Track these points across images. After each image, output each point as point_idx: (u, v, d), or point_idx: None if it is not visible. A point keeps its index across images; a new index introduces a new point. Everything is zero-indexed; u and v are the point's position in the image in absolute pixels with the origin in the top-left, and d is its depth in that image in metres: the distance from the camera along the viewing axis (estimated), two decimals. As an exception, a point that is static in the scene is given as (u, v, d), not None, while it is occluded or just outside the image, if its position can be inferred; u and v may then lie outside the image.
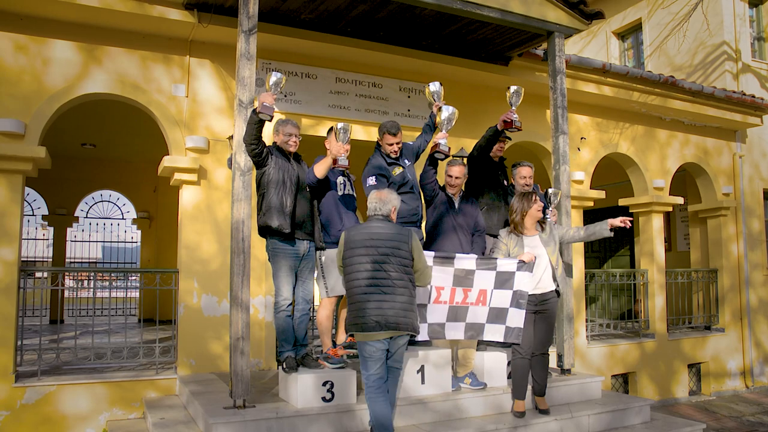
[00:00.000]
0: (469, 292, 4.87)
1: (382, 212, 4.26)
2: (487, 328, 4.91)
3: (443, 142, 5.02)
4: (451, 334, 4.90)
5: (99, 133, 9.73)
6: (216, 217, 6.16)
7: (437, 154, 5.06)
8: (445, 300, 4.83)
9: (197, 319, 5.98)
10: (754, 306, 10.05)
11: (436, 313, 4.83)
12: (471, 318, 4.90)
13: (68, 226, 12.13)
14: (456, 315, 4.87)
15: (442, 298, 4.82)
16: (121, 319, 10.29)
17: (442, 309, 4.84)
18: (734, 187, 10.07)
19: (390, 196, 4.34)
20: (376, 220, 4.25)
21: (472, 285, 4.86)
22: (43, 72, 5.57)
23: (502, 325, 4.89)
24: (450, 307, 4.85)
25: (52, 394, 5.29)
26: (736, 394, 9.58)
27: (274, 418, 4.26)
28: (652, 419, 5.54)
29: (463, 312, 4.88)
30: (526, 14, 5.94)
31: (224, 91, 6.30)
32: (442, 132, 5.11)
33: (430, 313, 4.81)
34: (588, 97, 8.28)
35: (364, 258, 4.10)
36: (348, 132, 4.68)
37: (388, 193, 4.37)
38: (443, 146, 5.01)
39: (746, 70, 10.53)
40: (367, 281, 4.08)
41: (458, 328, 4.89)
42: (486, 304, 4.90)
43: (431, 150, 5.11)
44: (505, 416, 4.92)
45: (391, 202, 4.30)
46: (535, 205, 4.97)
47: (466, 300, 4.87)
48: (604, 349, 8.31)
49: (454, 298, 4.85)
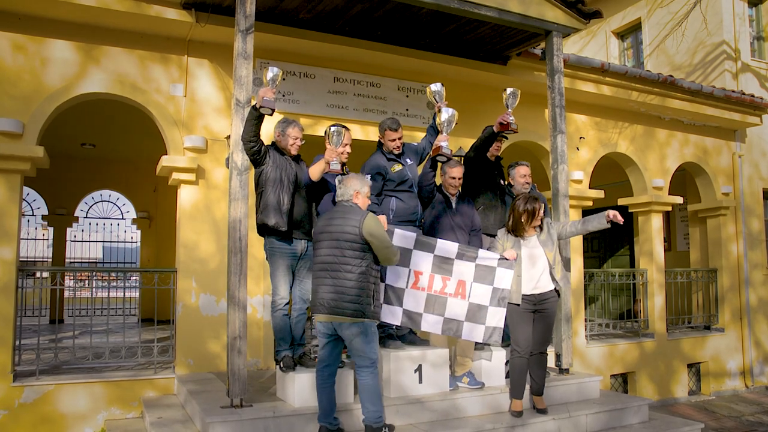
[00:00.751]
0: (447, 281, 4.83)
1: (344, 197, 4.27)
2: (466, 327, 4.84)
3: (445, 145, 5.02)
4: (427, 326, 4.84)
5: (99, 133, 9.73)
6: (214, 216, 6.16)
7: (439, 158, 5.05)
8: (423, 286, 4.79)
9: (195, 318, 5.98)
10: (754, 306, 10.04)
11: (413, 300, 4.79)
12: (450, 313, 4.83)
13: (68, 226, 12.14)
14: (434, 306, 4.81)
15: (421, 283, 4.78)
16: (120, 319, 10.29)
17: (420, 296, 4.80)
18: (734, 187, 10.05)
19: (353, 180, 4.30)
20: (339, 206, 4.29)
21: (451, 274, 4.83)
22: (42, 71, 5.58)
23: (481, 325, 4.84)
24: (428, 295, 4.80)
25: (51, 393, 5.30)
26: (736, 393, 9.57)
27: (271, 417, 4.26)
28: (650, 419, 5.53)
29: (441, 304, 4.82)
30: (524, 13, 5.93)
31: (222, 90, 6.31)
32: (443, 134, 5.10)
33: (407, 298, 4.77)
34: (587, 97, 8.28)
35: (322, 244, 4.19)
36: (341, 135, 4.66)
37: (352, 177, 4.34)
38: (445, 149, 5.00)
39: (746, 69, 10.51)
40: (319, 266, 4.17)
41: (436, 322, 4.83)
42: (465, 297, 4.85)
43: (433, 153, 5.10)
44: (502, 416, 4.91)
45: (353, 186, 4.27)
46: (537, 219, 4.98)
47: (445, 290, 4.83)
48: (603, 349, 8.30)
49: (433, 286, 4.81)
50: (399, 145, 5.15)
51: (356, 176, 4.38)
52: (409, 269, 4.74)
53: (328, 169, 4.64)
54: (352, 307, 4.01)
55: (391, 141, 5.14)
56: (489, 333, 4.85)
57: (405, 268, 4.76)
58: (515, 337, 4.95)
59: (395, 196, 5.13)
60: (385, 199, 5.12)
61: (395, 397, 4.75)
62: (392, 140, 5.14)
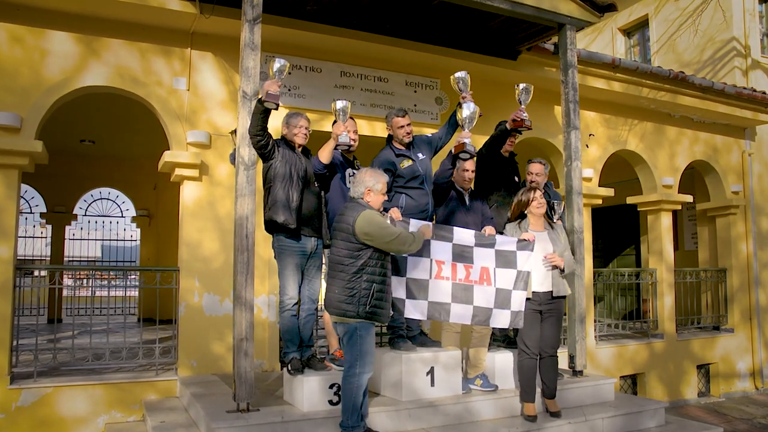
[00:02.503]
0: (470, 269, 4.72)
1: (356, 195, 4.15)
2: (495, 314, 4.71)
3: (468, 142, 4.84)
4: (456, 318, 4.69)
5: (98, 130, 9.56)
6: (218, 213, 5.99)
7: (463, 154, 4.89)
8: (447, 276, 4.66)
9: (198, 318, 5.82)
10: (764, 306, 9.89)
11: (439, 290, 4.64)
12: (478, 301, 4.71)
13: (67, 224, 11.97)
14: (462, 296, 4.68)
15: (444, 273, 4.65)
16: (119, 319, 10.11)
17: (446, 286, 4.66)
18: (743, 185, 9.91)
19: (365, 176, 4.13)
20: (350, 201, 4.18)
21: (473, 261, 4.73)
22: (41, 64, 5.41)
23: (507, 310, 4.72)
24: (453, 284, 4.67)
25: (49, 396, 5.13)
26: (746, 395, 9.43)
27: (280, 422, 4.09)
28: (666, 422, 5.38)
29: (469, 293, 4.69)
30: (537, 6, 5.77)
31: (226, 84, 6.14)
32: (465, 131, 4.93)
33: (432, 290, 4.62)
34: (596, 93, 8.12)
35: (333, 240, 4.16)
36: (347, 111, 4.53)
37: (364, 172, 4.17)
38: (469, 146, 4.83)
39: (756, 66, 10.37)
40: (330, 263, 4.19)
41: (465, 312, 4.68)
42: (492, 284, 4.74)
43: (455, 150, 4.90)
44: (517, 419, 4.76)
45: (364, 183, 4.11)
46: (535, 202, 4.86)
47: (470, 278, 4.71)
48: (612, 350, 8.15)
49: (457, 275, 4.69)
50: (408, 132, 5.01)
51: (369, 171, 4.20)
52: (430, 259, 4.60)
53: (338, 143, 4.48)
54: (340, 306, 3.95)
55: (400, 128, 5.00)
56: (514, 317, 4.71)
57: (426, 258, 4.61)
58: (523, 338, 4.80)
59: (405, 192, 4.97)
60: (395, 196, 4.96)
61: (407, 400, 4.59)
62: (401, 127, 4.99)
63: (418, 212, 4.94)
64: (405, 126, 5.00)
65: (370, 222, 3.95)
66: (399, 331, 5.00)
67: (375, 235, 3.94)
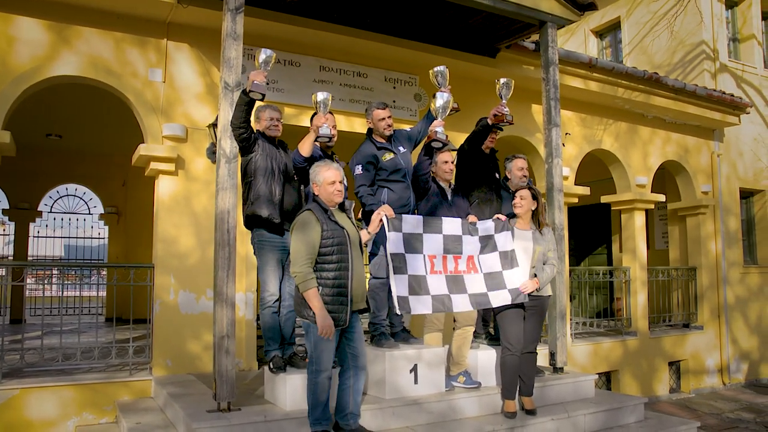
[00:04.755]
0: (459, 260, 4.76)
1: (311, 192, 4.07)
2: (492, 296, 4.72)
3: (440, 131, 4.82)
4: (460, 306, 4.68)
5: (66, 124, 9.24)
6: (194, 209, 5.83)
7: (434, 143, 4.85)
8: (440, 270, 4.67)
9: (174, 317, 5.65)
10: (731, 303, 10.13)
11: (438, 284, 4.63)
12: (472, 289, 4.73)
13: (31, 221, 11.54)
14: (456, 287, 4.68)
15: (437, 267, 4.66)
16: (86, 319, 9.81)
17: (441, 279, 4.66)
18: (712, 186, 10.12)
19: (313, 169, 3.99)
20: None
21: (462, 252, 4.78)
22: (8, 52, 5.18)
23: (503, 289, 4.72)
24: (447, 276, 4.69)
25: (16, 398, 4.90)
26: (714, 391, 9.63)
27: (262, 421, 3.99)
28: (645, 418, 5.44)
29: (461, 283, 4.71)
30: (519, 2, 5.77)
31: (203, 76, 5.98)
32: (438, 120, 4.90)
33: (431, 284, 4.60)
34: (573, 92, 8.18)
35: None
36: (328, 103, 4.47)
37: (315, 165, 4.03)
38: (440, 134, 4.81)
39: (723, 69, 10.61)
40: None
41: (465, 300, 4.68)
42: (478, 271, 4.79)
43: (428, 139, 4.91)
44: (500, 417, 4.73)
45: (311, 177, 3.98)
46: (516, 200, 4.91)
47: (458, 268, 4.75)
48: (588, 348, 8.23)
49: (448, 267, 4.72)
50: (389, 124, 4.97)
51: (318, 163, 4.02)
52: (423, 255, 4.60)
53: (319, 135, 4.39)
54: (297, 306, 3.91)
55: (381, 120, 4.94)
56: (516, 294, 4.69)
57: (419, 254, 4.60)
58: (506, 335, 4.77)
59: (387, 186, 4.92)
60: (377, 190, 4.90)
61: (391, 398, 4.52)
62: (381, 119, 4.94)
63: (401, 206, 4.89)
64: (386, 118, 4.95)
65: (295, 228, 3.80)
66: (381, 328, 4.93)
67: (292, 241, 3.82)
